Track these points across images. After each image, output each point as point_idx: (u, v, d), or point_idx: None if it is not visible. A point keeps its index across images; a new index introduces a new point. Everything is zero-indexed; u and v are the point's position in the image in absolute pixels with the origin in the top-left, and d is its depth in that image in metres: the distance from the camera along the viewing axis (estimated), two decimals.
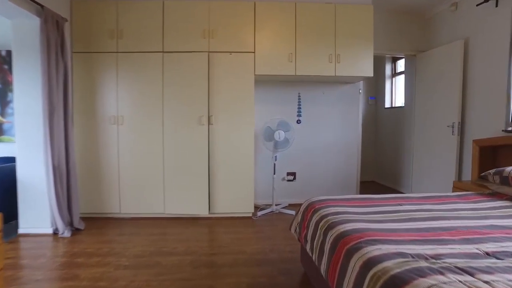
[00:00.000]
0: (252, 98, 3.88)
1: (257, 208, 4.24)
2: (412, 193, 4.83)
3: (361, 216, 2.00)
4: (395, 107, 5.75)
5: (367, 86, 6.17)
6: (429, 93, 4.47)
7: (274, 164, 4.21)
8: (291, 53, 3.91)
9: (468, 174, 3.91)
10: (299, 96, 4.56)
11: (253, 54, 3.86)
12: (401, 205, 2.28)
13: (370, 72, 4.02)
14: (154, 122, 3.82)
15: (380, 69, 5.99)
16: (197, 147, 3.83)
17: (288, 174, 4.60)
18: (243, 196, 3.94)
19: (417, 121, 4.75)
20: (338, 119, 4.63)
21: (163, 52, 3.78)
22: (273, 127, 4.07)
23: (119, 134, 3.81)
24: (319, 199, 2.41)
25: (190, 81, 3.79)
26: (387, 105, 5.93)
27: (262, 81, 4.39)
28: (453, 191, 3.50)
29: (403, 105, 5.35)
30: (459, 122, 3.96)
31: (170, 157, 3.84)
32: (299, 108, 4.58)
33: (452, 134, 4.02)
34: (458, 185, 3.44)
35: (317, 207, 2.23)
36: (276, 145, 4.11)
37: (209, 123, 3.84)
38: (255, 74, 3.87)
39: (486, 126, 3.66)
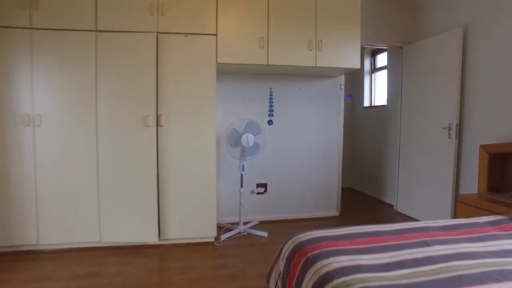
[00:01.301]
0: (213, 93, 3.07)
1: (220, 229, 3.44)
2: (398, 204, 4.26)
3: (384, 275, 1.27)
4: (375, 106, 5.17)
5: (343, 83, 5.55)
6: (419, 90, 3.88)
7: (241, 174, 3.42)
8: (263, 37, 3.14)
9: (467, 185, 3.35)
10: (271, 91, 3.81)
11: (214, 37, 3.05)
12: (427, 244, 1.59)
13: (356, 64, 3.36)
14: (85, 124, 2.89)
15: None
16: (143, 155, 2.96)
17: (258, 185, 3.84)
18: (203, 217, 3.12)
19: (404, 121, 4.16)
20: (317, 120, 3.94)
21: (96, 31, 2.86)
22: (240, 129, 3.28)
23: (36, 139, 2.84)
24: (309, 237, 1.67)
25: (133, 70, 2.91)
26: (366, 103, 5.35)
27: (227, 73, 3.60)
28: (457, 207, 2.92)
29: (386, 103, 4.77)
30: (457, 124, 3.40)
31: (107, 168, 2.94)
32: (271, 106, 3.83)
33: (449, 138, 3.45)
34: (465, 200, 2.85)
35: (310, 255, 1.48)
36: (244, 152, 3.33)
37: (157, 125, 2.98)
38: (217, 63, 3.07)
39: (491, 129, 3.11)
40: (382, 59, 5.07)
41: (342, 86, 3.98)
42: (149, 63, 2.93)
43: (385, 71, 4.87)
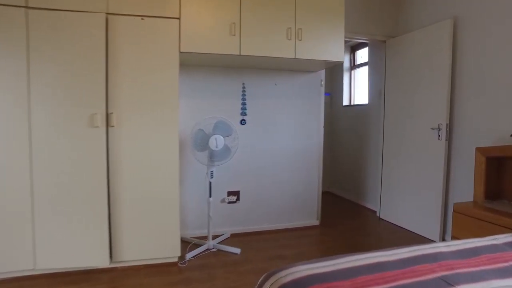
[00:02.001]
0: (176, 88, 2.59)
1: (186, 244, 2.97)
2: (381, 210, 3.95)
3: None
4: (355, 105, 4.86)
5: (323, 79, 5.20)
6: (405, 88, 3.58)
7: (210, 182, 2.97)
8: (234, 23, 2.70)
9: (458, 190, 3.08)
10: (243, 87, 3.37)
11: (177, 21, 2.57)
12: (448, 282, 1.22)
13: (340, 56, 3.00)
14: (15, 124, 2.33)
15: None
16: (89, 161, 2.44)
17: (229, 194, 3.39)
18: (165, 233, 2.64)
19: (388, 121, 3.86)
20: (295, 118, 3.55)
21: (27, 7, 2.30)
22: (208, 130, 2.83)
23: None
24: (294, 277, 1.24)
25: (77, 58, 2.38)
26: (345, 102, 5.03)
27: (192, 65, 3.14)
28: (453, 217, 2.61)
29: (367, 102, 4.46)
30: (447, 124, 3.11)
31: (44, 178, 2.39)
32: (244, 104, 3.40)
33: (439, 139, 3.16)
34: (461, 209, 2.55)
35: None
36: (213, 156, 2.88)
37: (108, 125, 2.47)
38: (180, 52, 2.60)
39: (484, 130, 2.84)
40: (362, 55, 4.77)
41: (322, 82, 3.63)
42: (97, 50, 2.41)
43: (365, 68, 4.56)
